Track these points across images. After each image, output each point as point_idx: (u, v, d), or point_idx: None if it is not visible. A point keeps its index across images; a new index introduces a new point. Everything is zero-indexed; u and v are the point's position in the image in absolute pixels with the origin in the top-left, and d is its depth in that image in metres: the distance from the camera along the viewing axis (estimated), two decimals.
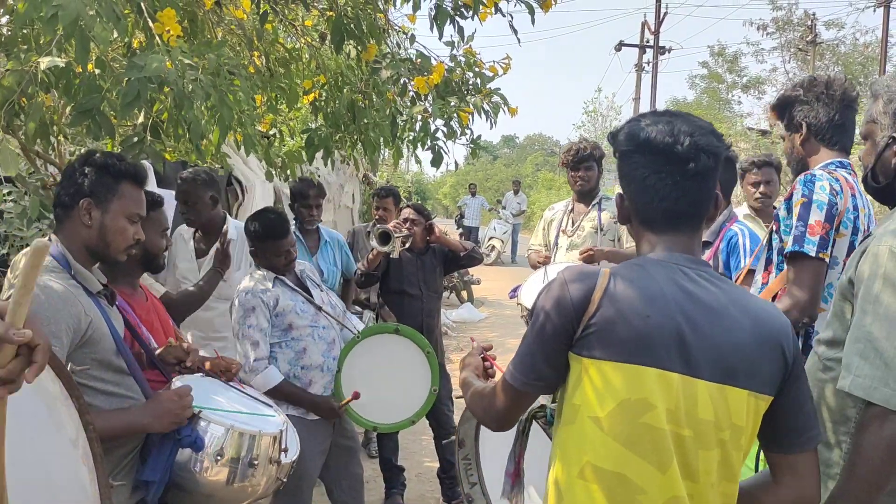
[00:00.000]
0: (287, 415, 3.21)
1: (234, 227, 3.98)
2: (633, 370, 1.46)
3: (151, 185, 3.04)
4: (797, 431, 1.51)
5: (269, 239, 3.30)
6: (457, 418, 4.75)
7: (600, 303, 1.49)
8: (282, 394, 3.22)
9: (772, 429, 1.52)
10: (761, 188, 4.21)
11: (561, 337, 1.53)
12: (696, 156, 1.50)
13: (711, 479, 1.47)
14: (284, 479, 2.47)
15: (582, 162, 4.39)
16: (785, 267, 2.44)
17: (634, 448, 1.47)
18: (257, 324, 3.20)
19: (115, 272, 2.38)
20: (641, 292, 1.48)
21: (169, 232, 2.92)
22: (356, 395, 3.31)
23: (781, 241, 2.47)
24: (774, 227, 2.53)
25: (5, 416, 1.14)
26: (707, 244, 3.44)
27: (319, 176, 5.27)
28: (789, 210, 2.42)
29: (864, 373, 1.57)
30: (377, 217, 5.05)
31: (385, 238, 4.21)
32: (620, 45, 27.16)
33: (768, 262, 2.59)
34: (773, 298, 2.47)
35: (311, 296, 3.42)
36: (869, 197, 2.27)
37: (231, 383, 2.64)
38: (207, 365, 2.69)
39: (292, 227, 3.64)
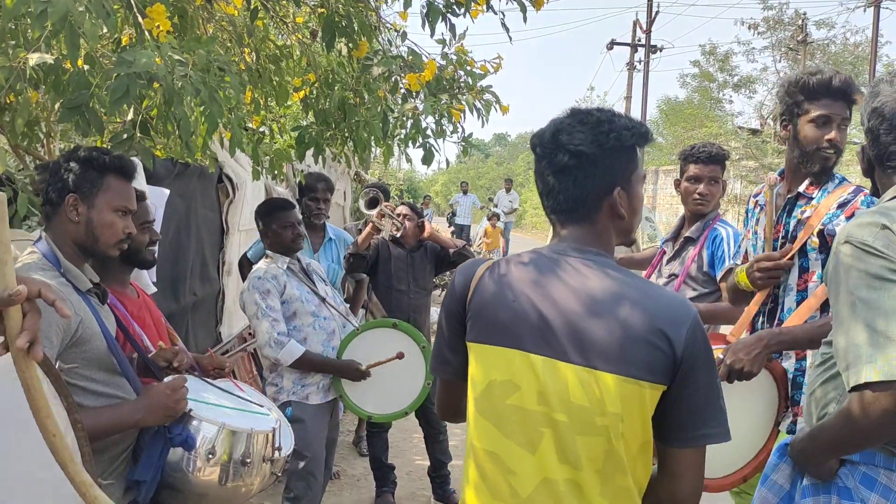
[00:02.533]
0: (290, 400, 3.35)
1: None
2: (500, 352, 1.54)
3: (141, 182, 3.01)
4: (682, 426, 1.49)
5: (275, 211, 3.55)
6: None
7: (475, 289, 1.60)
8: (308, 363, 3.45)
9: (660, 418, 1.50)
10: (701, 187, 3.45)
11: (452, 322, 1.66)
12: (553, 153, 1.55)
13: (597, 466, 1.47)
14: (279, 474, 2.47)
15: None
16: None
17: (503, 428, 1.52)
18: (273, 305, 3.40)
19: (103, 270, 2.37)
20: (511, 279, 1.57)
21: (158, 227, 2.90)
22: (400, 355, 3.59)
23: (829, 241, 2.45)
24: (814, 235, 2.50)
25: (40, 380, 1.15)
26: (691, 241, 3.45)
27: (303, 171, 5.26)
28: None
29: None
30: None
31: (373, 203, 4.25)
32: (612, 44, 27.23)
33: (802, 269, 2.55)
34: (826, 307, 2.44)
35: (317, 287, 3.58)
36: None
37: (220, 384, 2.63)
38: (207, 361, 2.74)
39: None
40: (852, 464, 1.71)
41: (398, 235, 4.48)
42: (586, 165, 1.53)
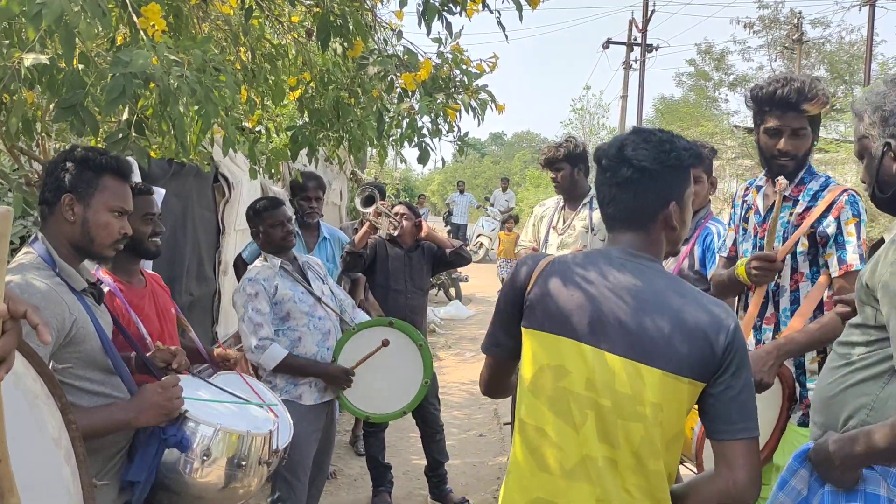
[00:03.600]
0: (282, 399, 3.34)
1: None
2: (555, 340, 1.71)
3: (137, 181, 3.01)
4: (727, 420, 1.61)
5: (263, 211, 3.55)
6: (445, 414, 4.78)
7: (536, 281, 1.76)
8: (290, 367, 3.41)
9: (705, 415, 1.66)
10: None
11: (511, 307, 1.82)
12: (617, 167, 1.71)
13: (634, 448, 1.62)
14: (273, 469, 2.48)
15: (551, 165, 4.37)
16: (839, 279, 2.54)
17: (553, 407, 1.70)
18: (259, 308, 3.37)
19: (111, 261, 2.39)
20: (570, 275, 1.73)
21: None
22: (385, 342, 3.57)
23: (819, 252, 2.58)
24: (804, 237, 2.59)
25: (2, 400, 1.12)
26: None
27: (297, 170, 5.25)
28: (839, 227, 2.54)
29: None
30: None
31: (369, 201, 4.24)
32: (608, 43, 27.21)
33: (793, 270, 2.64)
34: (820, 307, 2.57)
35: (312, 286, 3.54)
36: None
37: (222, 382, 2.63)
38: (217, 352, 2.84)
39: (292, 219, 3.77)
40: (882, 468, 1.68)
41: (395, 234, 4.48)
42: (647, 180, 1.69)
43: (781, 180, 2.63)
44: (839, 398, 1.80)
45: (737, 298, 2.90)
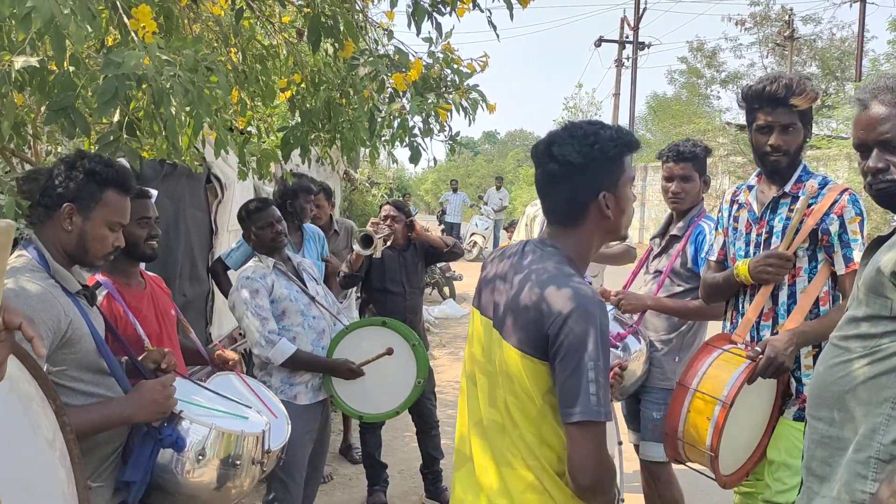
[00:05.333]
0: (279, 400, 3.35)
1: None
2: (474, 311, 1.96)
3: None
4: (559, 404, 1.70)
5: (252, 212, 3.58)
6: (439, 412, 4.78)
7: (484, 265, 2.01)
8: (299, 362, 3.45)
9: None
10: (673, 185, 3.46)
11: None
12: (546, 162, 1.80)
13: (507, 416, 1.77)
14: (269, 469, 2.49)
15: None
16: (844, 277, 2.59)
17: (466, 370, 1.95)
18: (262, 304, 3.40)
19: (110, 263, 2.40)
20: (497, 260, 1.94)
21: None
22: (390, 351, 3.59)
23: (825, 247, 2.62)
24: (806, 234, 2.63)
25: None
26: (676, 238, 3.48)
27: (300, 173, 5.26)
28: (843, 225, 2.60)
29: None
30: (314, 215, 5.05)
31: (367, 241, 4.21)
32: (600, 41, 27.29)
33: (792, 265, 2.66)
34: (816, 302, 2.63)
35: (307, 286, 3.57)
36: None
37: (215, 386, 2.63)
38: (217, 353, 2.88)
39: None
40: None
41: (389, 244, 4.42)
42: (573, 173, 1.77)
43: (813, 183, 2.67)
44: (853, 393, 1.74)
45: (727, 301, 2.92)
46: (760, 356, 2.51)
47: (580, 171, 1.76)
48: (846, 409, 1.78)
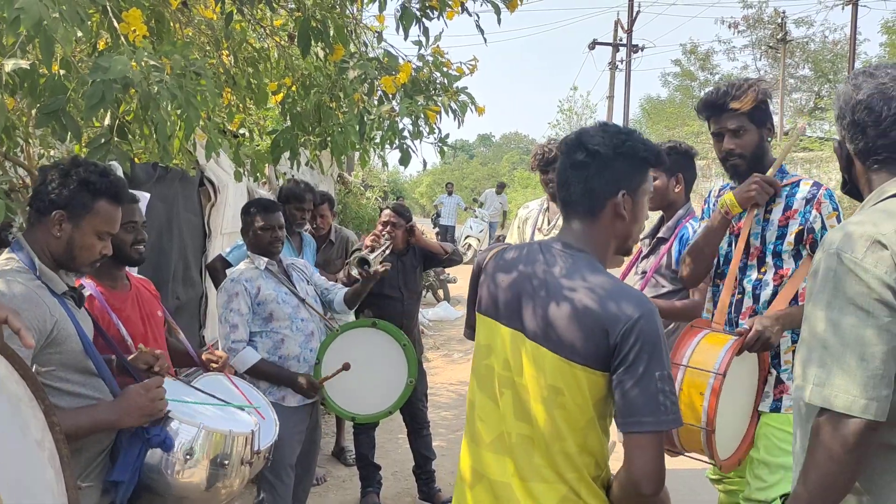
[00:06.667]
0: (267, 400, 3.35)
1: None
2: (486, 321, 1.87)
3: None
4: (621, 413, 1.66)
5: (260, 211, 3.54)
6: (431, 414, 4.79)
7: (485, 268, 1.93)
8: (261, 373, 3.41)
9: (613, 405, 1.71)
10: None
11: (471, 294, 2.00)
12: (573, 150, 1.78)
13: (543, 427, 1.71)
14: (258, 470, 2.50)
15: (549, 165, 4.28)
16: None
17: (480, 383, 1.86)
18: (238, 308, 3.39)
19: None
20: (506, 263, 1.87)
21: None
22: (346, 366, 3.49)
23: (809, 245, 2.65)
24: (791, 236, 2.67)
25: None
26: (663, 241, 3.49)
27: (293, 177, 5.28)
28: (822, 222, 2.63)
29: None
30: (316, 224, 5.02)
31: (363, 264, 4.07)
32: (594, 44, 27.31)
33: (777, 267, 2.69)
34: (796, 297, 2.65)
35: (296, 288, 3.55)
36: None
37: (205, 385, 2.64)
38: (205, 355, 2.88)
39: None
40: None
41: (389, 251, 4.34)
42: (599, 164, 1.75)
43: (800, 122, 2.70)
44: None
45: (706, 297, 2.94)
46: (748, 332, 2.52)
47: (606, 163, 1.74)
48: None
